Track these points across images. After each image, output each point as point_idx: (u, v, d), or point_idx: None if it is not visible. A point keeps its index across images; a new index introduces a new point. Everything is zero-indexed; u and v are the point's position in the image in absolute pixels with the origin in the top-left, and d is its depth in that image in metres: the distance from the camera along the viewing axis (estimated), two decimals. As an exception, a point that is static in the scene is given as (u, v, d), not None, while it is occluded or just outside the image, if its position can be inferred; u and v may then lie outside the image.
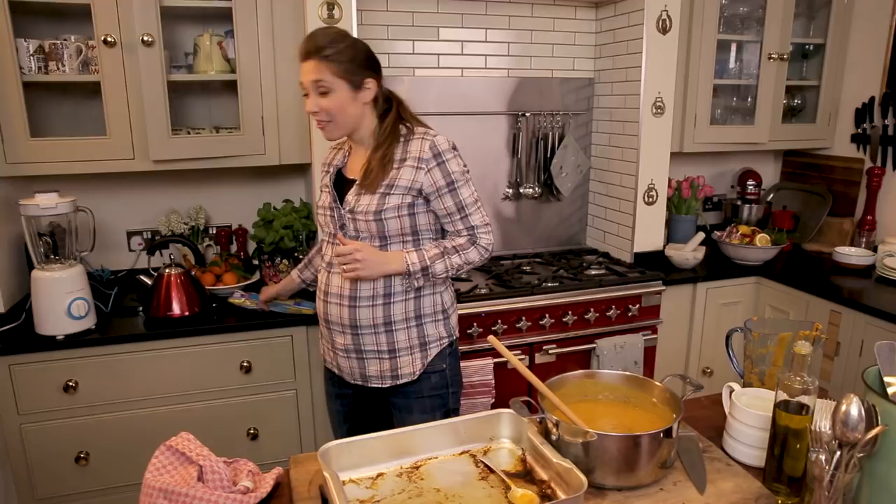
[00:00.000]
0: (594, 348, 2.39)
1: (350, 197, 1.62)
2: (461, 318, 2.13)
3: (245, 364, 2.11)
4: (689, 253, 2.69)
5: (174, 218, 2.43)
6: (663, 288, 2.51)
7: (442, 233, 1.71)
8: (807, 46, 3.08)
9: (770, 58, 2.82)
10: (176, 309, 2.10)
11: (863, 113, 2.94)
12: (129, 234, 2.50)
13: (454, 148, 1.63)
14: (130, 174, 2.39)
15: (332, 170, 1.72)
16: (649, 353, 2.53)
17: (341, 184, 1.70)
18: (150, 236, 2.51)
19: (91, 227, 2.19)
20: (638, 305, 2.47)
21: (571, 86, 2.84)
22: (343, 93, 1.55)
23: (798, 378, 1.09)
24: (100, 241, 2.39)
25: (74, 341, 1.96)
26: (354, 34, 2.17)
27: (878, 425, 0.99)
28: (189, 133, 2.26)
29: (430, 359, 1.69)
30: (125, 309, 2.21)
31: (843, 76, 3.04)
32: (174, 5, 2.09)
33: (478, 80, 2.70)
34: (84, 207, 2.10)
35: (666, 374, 1.32)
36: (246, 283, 2.35)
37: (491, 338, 1.24)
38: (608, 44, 2.75)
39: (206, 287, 2.25)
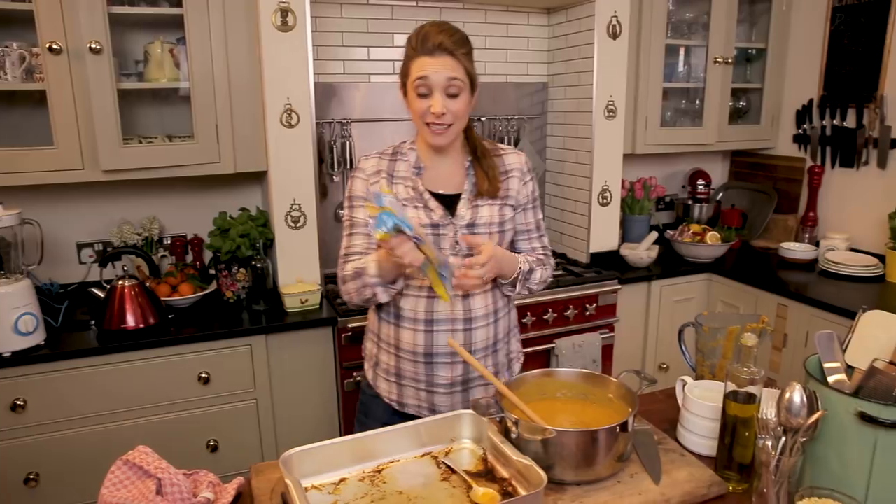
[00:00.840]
0: (553, 348, 2.43)
1: (464, 210, 1.47)
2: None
3: (203, 375, 2.08)
4: (643, 252, 2.76)
5: (127, 229, 2.38)
6: (619, 287, 2.57)
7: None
8: (750, 51, 3.20)
9: (716, 62, 2.92)
10: (130, 321, 2.05)
11: (803, 114, 3.07)
12: (80, 247, 2.43)
13: None
14: (80, 185, 2.33)
15: (416, 184, 1.49)
16: (607, 350, 2.58)
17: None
18: (101, 248, 2.45)
19: (39, 240, 2.12)
20: (595, 305, 2.52)
21: (525, 90, 2.89)
22: (467, 96, 1.43)
23: (745, 369, 1.14)
24: (49, 254, 2.33)
25: (22, 358, 1.89)
26: (309, 41, 2.17)
27: (818, 411, 1.04)
28: (141, 142, 2.22)
29: (514, 375, 1.60)
30: (77, 323, 2.15)
31: (784, 79, 3.16)
32: (123, 12, 2.06)
33: (433, 86, 2.71)
34: (31, 220, 2.04)
35: (623, 371, 1.35)
36: (203, 293, 2.31)
37: (450, 340, 1.25)
38: (560, 49, 2.81)
39: (162, 298, 2.20)
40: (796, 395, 1.04)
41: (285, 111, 2.18)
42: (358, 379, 2.21)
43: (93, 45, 1.95)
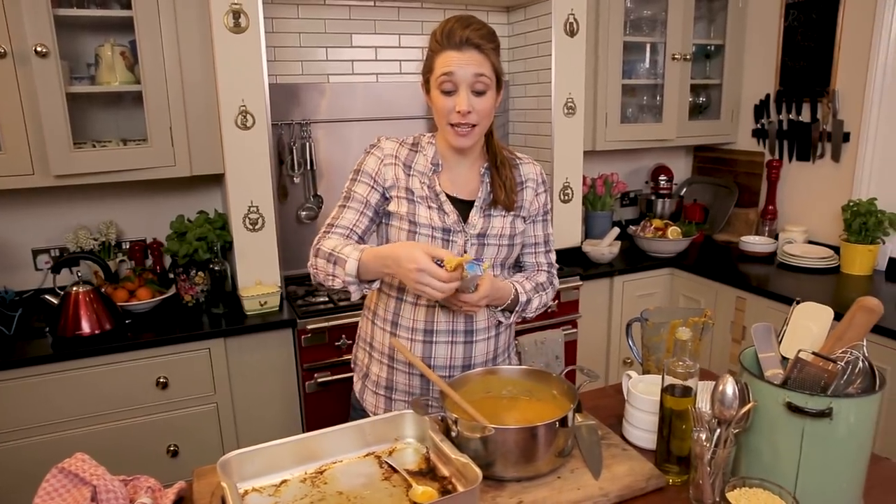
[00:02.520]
0: (515, 345, 2.43)
1: (476, 219, 1.43)
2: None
3: (161, 380, 2.06)
4: (605, 248, 2.79)
5: (83, 234, 2.34)
6: (581, 283, 2.59)
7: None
8: (708, 47, 3.24)
9: (674, 58, 2.96)
10: (85, 327, 2.03)
11: (761, 109, 3.12)
12: (35, 253, 2.40)
13: None
14: (34, 190, 2.29)
15: (432, 183, 1.42)
16: (570, 346, 2.60)
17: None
18: (58, 254, 2.41)
19: (-11, 247, 2.09)
20: (557, 301, 2.54)
21: (487, 89, 2.89)
22: (493, 94, 1.35)
23: (681, 363, 1.15)
24: (3, 260, 2.29)
25: (-27, 367, 1.86)
26: (263, 42, 2.16)
27: (750, 402, 1.06)
28: (94, 146, 2.19)
29: None
30: (31, 330, 2.12)
31: (741, 75, 3.21)
32: (70, 14, 2.03)
33: (394, 86, 2.71)
34: (-20, 226, 2.01)
35: (567, 367, 1.36)
36: (161, 297, 2.29)
37: (393, 340, 1.25)
38: (520, 47, 2.82)
39: (120, 304, 2.18)
40: (728, 387, 1.06)
41: (240, 113, 2.17)
42: (320, 380, 2.20)
43: (39, 48, 1.92)
